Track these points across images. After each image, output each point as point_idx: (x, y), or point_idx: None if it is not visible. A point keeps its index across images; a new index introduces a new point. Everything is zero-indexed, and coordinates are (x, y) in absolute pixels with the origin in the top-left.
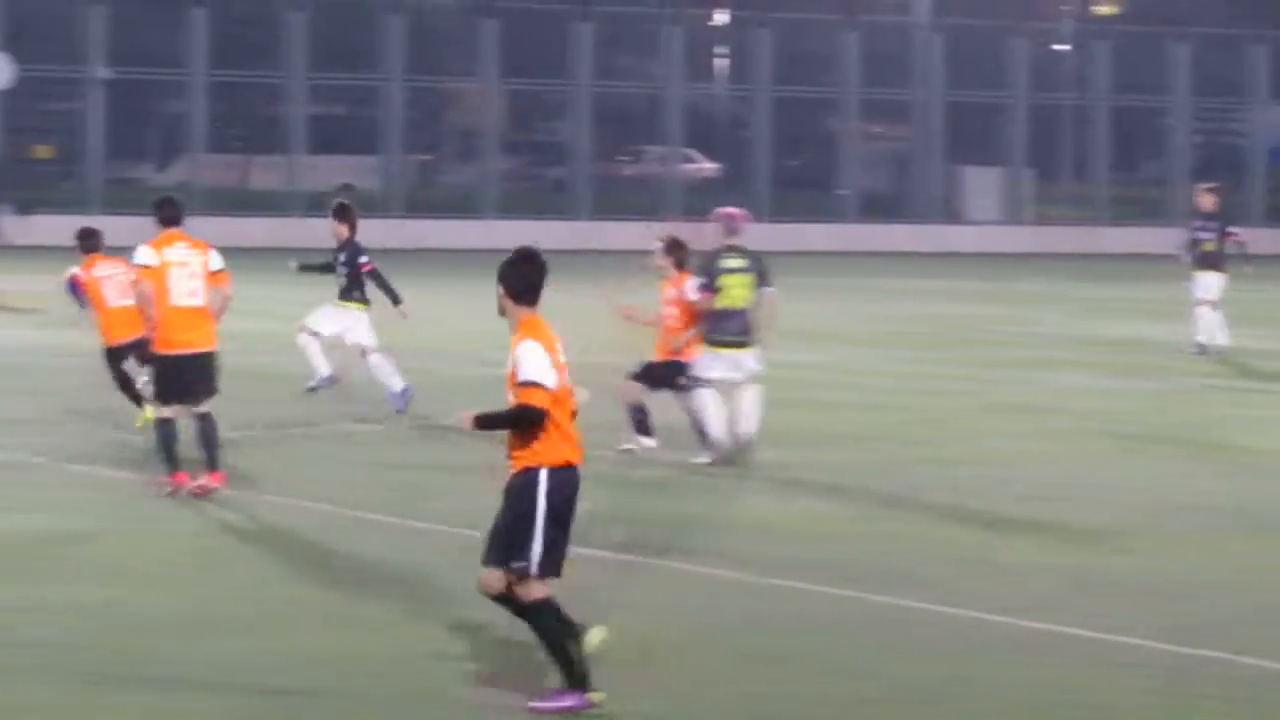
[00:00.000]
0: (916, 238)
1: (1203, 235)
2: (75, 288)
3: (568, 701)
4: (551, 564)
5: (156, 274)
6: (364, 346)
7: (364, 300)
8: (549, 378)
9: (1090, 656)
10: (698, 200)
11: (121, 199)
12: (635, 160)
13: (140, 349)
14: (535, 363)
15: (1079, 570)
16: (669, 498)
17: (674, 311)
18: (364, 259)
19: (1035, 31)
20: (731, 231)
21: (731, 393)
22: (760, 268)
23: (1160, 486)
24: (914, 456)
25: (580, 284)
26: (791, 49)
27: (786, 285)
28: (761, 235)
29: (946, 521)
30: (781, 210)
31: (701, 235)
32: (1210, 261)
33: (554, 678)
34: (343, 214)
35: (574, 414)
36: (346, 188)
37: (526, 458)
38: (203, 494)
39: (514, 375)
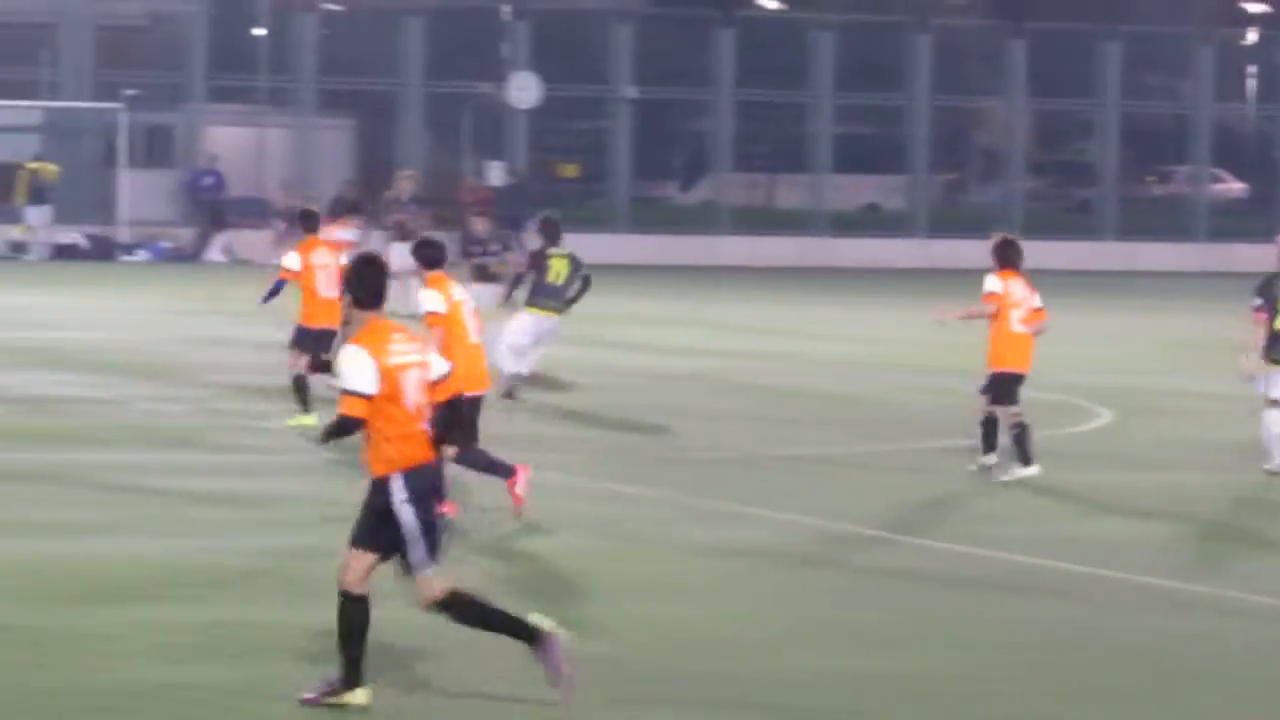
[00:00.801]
0: None
1: None
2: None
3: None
4: (435, 551)
5: (447, 319)
6: None
7: None
8: (368, 384)
9: None
10: (1224, 221)
11: (646, 218)
12: (1163, 180)
13: (326, 343)
14: (352, 370)
15: None
16: None
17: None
18: None
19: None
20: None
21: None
22: None
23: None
24: None
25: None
26: None
27: None
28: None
29: None
30: None
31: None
32: None
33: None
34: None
35: (449, 407)
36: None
37: (378, 466)
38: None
39: None
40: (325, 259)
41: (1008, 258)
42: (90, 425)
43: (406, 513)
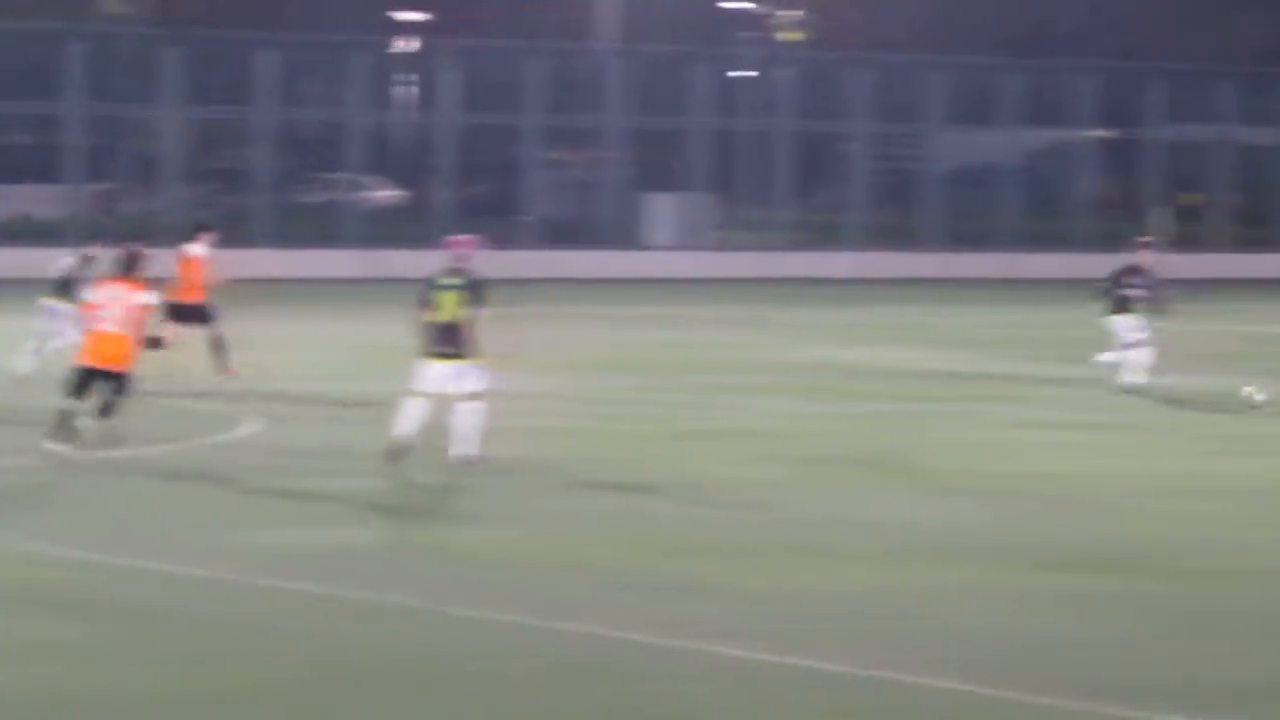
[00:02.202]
0: (600, 264)
1: None
2: None
3: None
4: None
5: None
6: None
7: None
8: None
9: (783, 681)
10: (380, 227)
11: None
12: (316, 187)
13: None
14: None
15: (773, 595)
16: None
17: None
18: None
19: (719, 58)
20: (457, 257)
21: (449, 409)
22: (475, 289)
23: (856, 509)
24: (602, 480)
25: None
26: (477, 76)
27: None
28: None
29: (620, 546)
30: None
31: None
32: None
33: None
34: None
35: None
36: None
37: None
38: None
39: None
40: None
41: (129, 267)
42: None
43: None
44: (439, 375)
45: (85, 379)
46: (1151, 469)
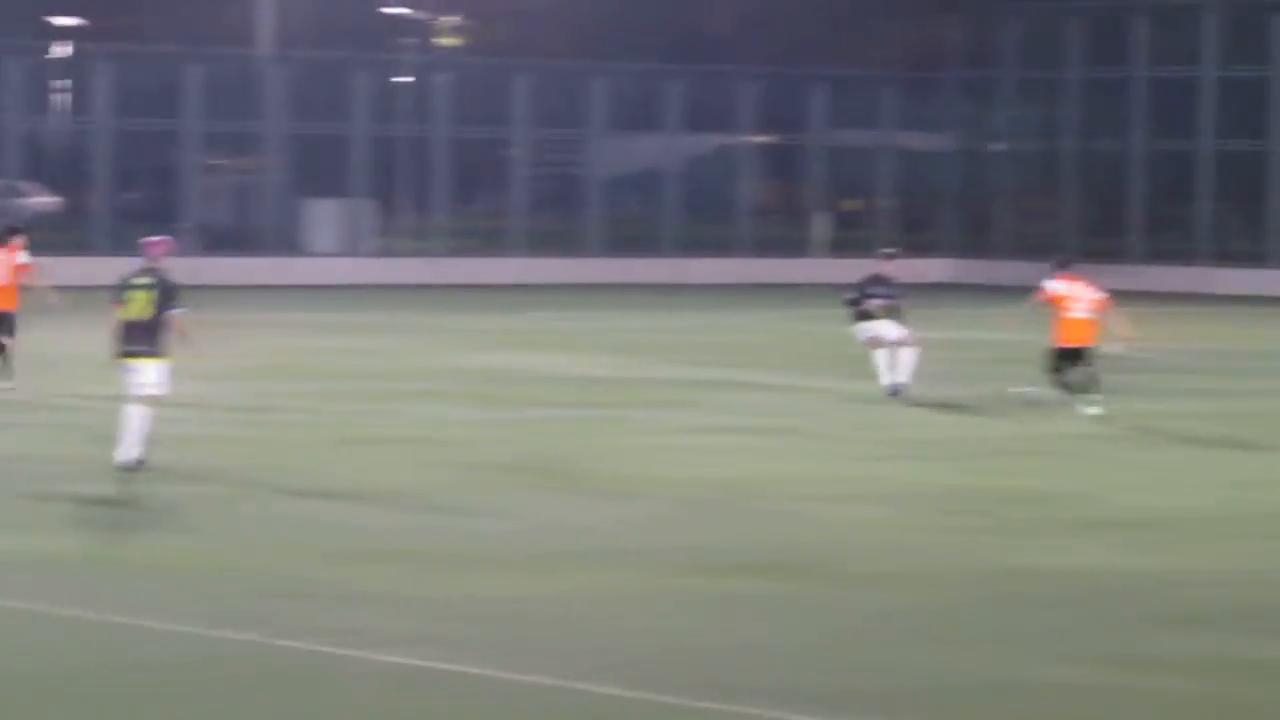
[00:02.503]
0: (260, 270)
1: None
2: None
3: None
4: None
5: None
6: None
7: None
8: None
9: (448, 688)
10: (39, 234)
11: None
12: None
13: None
14: None
15: (439, 602)
16: None
17: None
18: None
19: (378, 64)
20: (150, 257)
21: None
22: (166, 289)
23: (521, 514)
24: (274, 487)
25: None
26: (134, 81)
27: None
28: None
29: (289, 554)
30: (121, 243)
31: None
32: None
33: None
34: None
35: None
36: None
37: None
38: None
39: None
40: None
41: None
42: None
43: None
44: (131, 374)
45: None
46: (816, 473)
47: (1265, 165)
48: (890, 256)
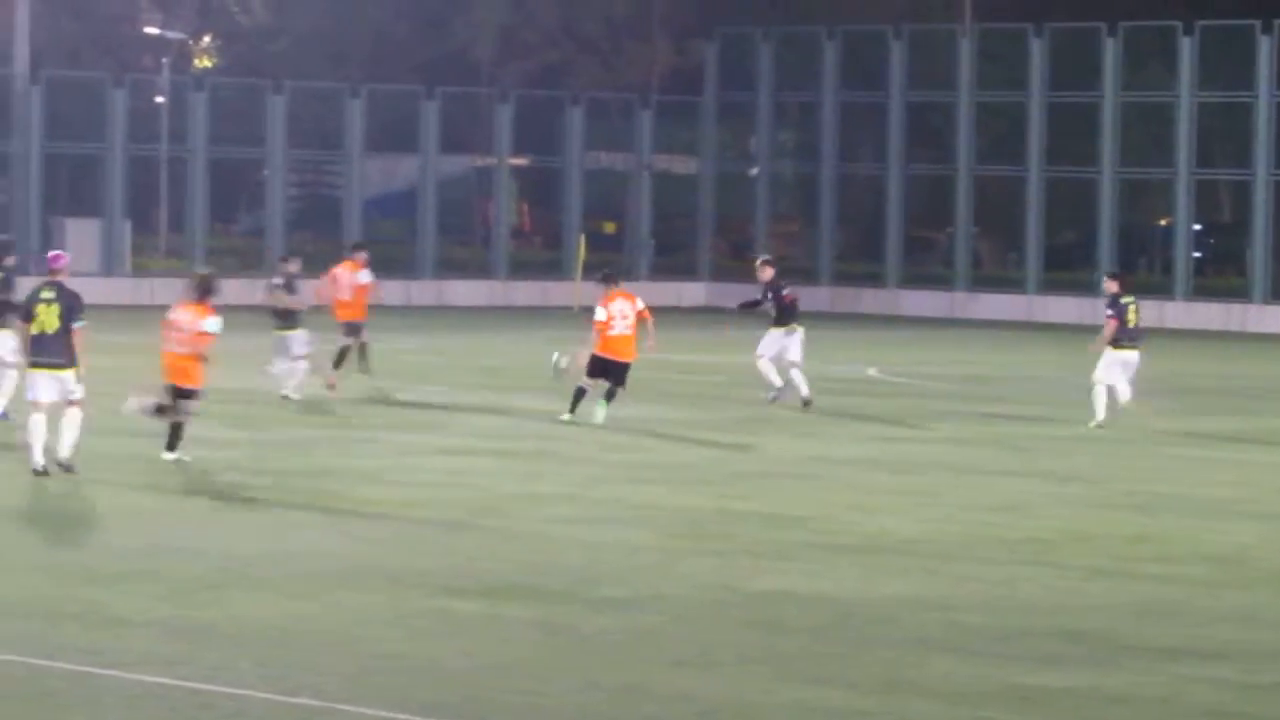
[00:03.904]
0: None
1: None
2: None
3: None
4: None
5: None
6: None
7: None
8: None
9: (209, 709)
10: None
11: None
12: None
13: None
14: None
15: (198, 622)
16: None
17: None
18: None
19: (134, 83)
20: (52, 271)
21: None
22: (69, 302)
23: (276, 536)
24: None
25: None
26: None
27: None
28: None
29: (42, 575)
30: None
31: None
32: None
33: None
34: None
35: None
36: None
37: None
38: None
39: None
40: None
41: None
42: None
43: None
44: (42, 385)
45: None
46: (569, 495)
47: (1022, 191)
48: (767, 264)
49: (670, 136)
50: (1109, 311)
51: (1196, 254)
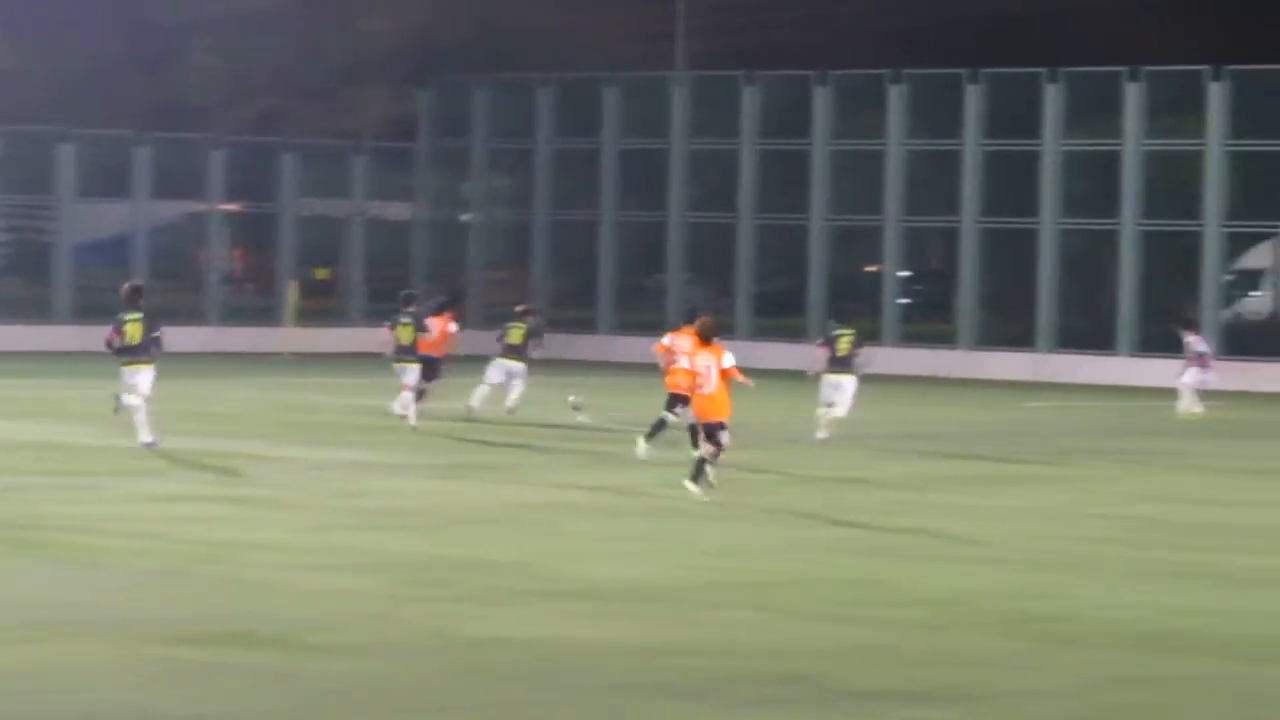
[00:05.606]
0: None
1: None
2: None
3: None
4: None
5: None
6: None
7: None
8: None
9: None
10: None
11: None
12: None
13: None
14: None
15: None
16: None
17: None
18: None
19: None
20: None
21: None
22: None
23: None
24: None
25: None
26: None
27: None
28: None
29: None
30: None
31: None
32: None
33: None
34: None
35: None
36: None
37: None
38: None
39: None
40: None
41: None
42: None
43: None
44: None
45: None
46: (284, 542)
47: (733, 237)
48: (529, 312)
49: (386, 183)
50: (819, 340)
51: (905, 300)
